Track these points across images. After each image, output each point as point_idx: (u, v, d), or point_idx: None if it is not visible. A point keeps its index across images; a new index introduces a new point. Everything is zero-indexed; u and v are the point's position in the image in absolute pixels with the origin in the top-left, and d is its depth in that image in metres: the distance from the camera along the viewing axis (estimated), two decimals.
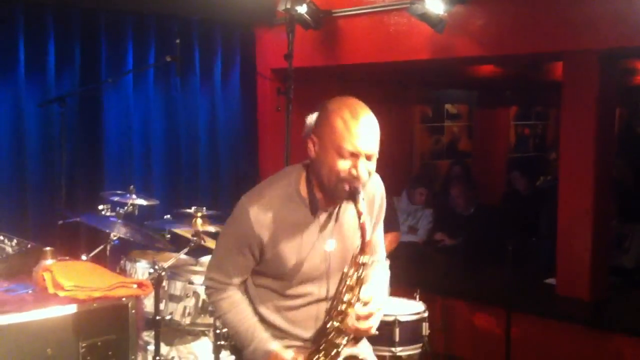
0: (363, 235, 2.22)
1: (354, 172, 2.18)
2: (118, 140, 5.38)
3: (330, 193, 2.27)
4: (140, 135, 5.52)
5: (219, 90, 6.01)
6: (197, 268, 4.46)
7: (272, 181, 2.38)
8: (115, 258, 4.34)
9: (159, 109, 5.65)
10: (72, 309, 2.75)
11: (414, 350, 4.13)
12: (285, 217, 2.29)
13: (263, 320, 2.42)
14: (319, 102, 4.10)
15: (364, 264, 2.26)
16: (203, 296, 3.99)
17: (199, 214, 4.06)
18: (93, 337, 2.79)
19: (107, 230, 4.05)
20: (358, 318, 2.28)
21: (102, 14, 5.22)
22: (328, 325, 2.34)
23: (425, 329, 4.16)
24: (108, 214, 4.10)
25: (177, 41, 4.87)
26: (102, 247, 4.23)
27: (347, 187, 2.20)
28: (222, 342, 3.86)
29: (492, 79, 7.88)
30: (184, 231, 4.27)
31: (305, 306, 2.39)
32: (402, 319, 4.06)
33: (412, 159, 8.15)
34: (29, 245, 3.33)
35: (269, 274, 2.38)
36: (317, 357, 2.33)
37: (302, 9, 5.24)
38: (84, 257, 3.86)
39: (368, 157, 2.21)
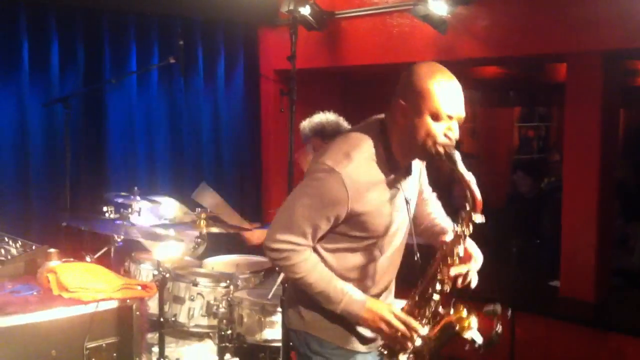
0: (474, 196, 2.25)
1: (450, 134, 2.26)
2: (121, 140, 5.38)
3: (422, 156, 2.37)
4: (144, 136, 5.52)
5: (222, 91, 6.01)
6: (201, 270, 4.47)
7: (353, 142, 2.36)
8: (119, 260, 4.35)
9: (163, 109, 5.66)
10: (76, 310, 2.75)
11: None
12: (373, 178, 2.33)
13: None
14: (322, 103, 4.12)
15: (475, 223, 2.31)
16: (207, 298, 4.00)
17: (203, 216, 4.06)
18: (97, 338, 2.80)
19: (112, 233, 4.05)
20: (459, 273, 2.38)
21: (106, 15, 5.23)
22: (432, 274, 2.38)
23: None
24: (112, 215, 4.10)
25: (181, 42, 4.88)
26: (106, 248, 4.23)
27: (442, 150, 2.25)
28: (227, 344, 3.85)
29: (495, 80, 7.87)
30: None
31: (388, 256, 2.46)
32: None
33: None
34: (34, 247, 3.34)
35: (355, 235, 2.38)
36: (418, 308, 2.39)
37: (305, 10, 5.24)
38: (88, 259, 3.85)
39: (459, 120, 2.30)
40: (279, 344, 3.61)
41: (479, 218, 2.28)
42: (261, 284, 4.37)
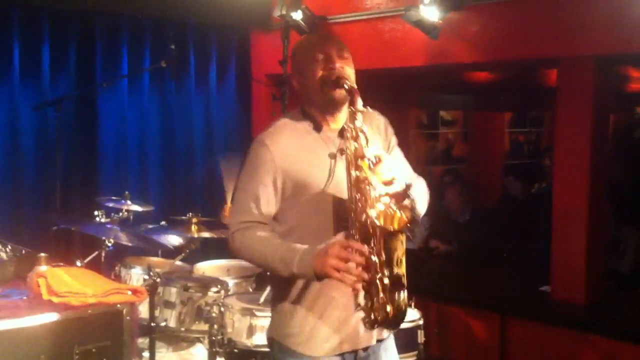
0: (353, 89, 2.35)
1: (331, 65, 2.39)
2: (113, 144, 5.37)
3: (325, 101, 2.41)
4: (135, 140, 5.51)
5: (214, 95, 6.01)
6: (192, 274, 4.46)
7: (276, 121, 2.52)
8: (110, 264, 4.34)
9: (154, 113, 5.65)
10: (66, 315, 2.73)
11: (409, 357, 4.11)
12: (296, 137, 2.42)
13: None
14: None
15: (355, 113, 2.32)
16: (198, 303, 3.99)
17: (194, 220, 4.05)
18: (87, 343, 2.78)
19: (102, 237, 4.04)
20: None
21: (98, 18, 5.22)
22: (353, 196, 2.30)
23: (421, 336, 4.15)
24: (103, 220, 4.09)
25: (173, 46, 4.87)
26: (96, 253, 4.22)
27: (333, 78, 2.36)
28: (217, 349, 3.84)
29: (486, 85, 7.89)
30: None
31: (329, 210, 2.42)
32: None
33: None
34: (24, 251, 3.32)
35: (297, 197, 2.38)
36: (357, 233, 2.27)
37: (297, 15, 5.25)
38: (78, 263, 3.84)
39: (340, 56, 2.42)
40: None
41: (354, 108, 2.33)
42: (252, 289, 4.37)
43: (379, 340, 2.52)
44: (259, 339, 3.68)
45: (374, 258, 2.19)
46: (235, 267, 4.69)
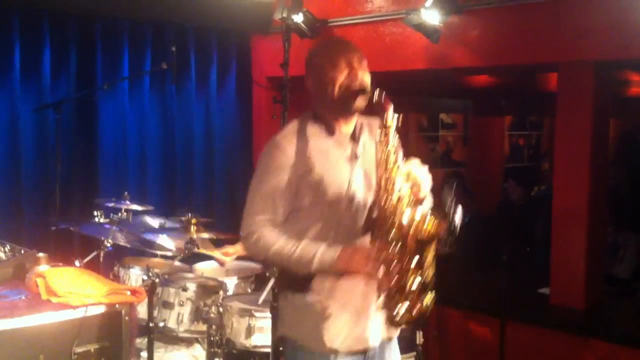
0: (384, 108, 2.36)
1: (354, 73, 2.44)
2: (113, 146, 5.37)
3: (344, 107, 2.44)
4: (135, 142, 5.52)
5: (214, 98, 6.02)
6: (191, 275, 4.46)
7: (287, 125, 2.54)
8: (108, 264, 4.35)
9: (155, 115, 5.66)
10: (65, 315, 2.74)
11: (408, 359, 4.12)
12: (309, 139, 2.43)
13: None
14: None
15: (388, 126, 2.35)
16: (197, 303, 3.99)
17: (194, 221, 4.06)
18: (86, 343, 2.78)
19: (102, 237, 4.05)
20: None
21: (98, 21, 5.23)
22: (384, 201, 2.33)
23: (419, 337, 4.16)
24: (102, 220, 4.10)
25: (173, 48, 4.88)
26: (95, 253, 4.23)
27: (356, 86, 2.42)
28: (216, 350, 3.85)
29: (487, 89, 7.90)
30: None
31: (354, 214, 2.44)
32: None
33: None
34: (23, 251, 3.32)
35: (313, 201, 2.40)
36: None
37: (298, 18, 5.25)
38: (77, 263, 3.84)
39: (361, 66, 2.49)
40: (269, 350, 3.61)
41: (390, 121, 2.36)
42: (251, 289, 4.37)
43: (389, 339, 2.53)
44: (258, 340, 3.69)
45: (401, 262, 2.26)
46: (234, 267, 4.70)
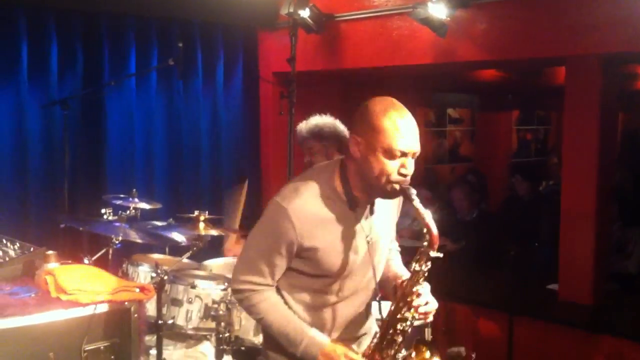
0: (430, 232, 2.25)
1: (404, 171, 2.24)
2: (120, 143, 5.38)
3: (377, 192, 2.31)
4: (143, 138, 5.52)
5: (221, 94, 6.01)
6: (200, 272, 4.46)
7: (305, 179, 2.39)
8: (117, 262, 4.35)
9: (162, 112, 5.66)
10: (74, 312, 2.74)
11: None
12: (324, 214, 2.31)
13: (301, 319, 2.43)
14: (321, 106, 4.13)
15: (432, 259, 2.30)
16: (205, 300, 3.99)
17: (202, 218, 4.06)
18: (96, 341, 2.79)
19: (111, 235, 4.05)
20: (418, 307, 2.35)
21: (105, 17, 5.22)
22: (395, 313, 2.36)
23: (428, 334, 4.15)
24: (110, 217, 4.10)
25: (180, 44, 4.87)
26: (104, 250, 4.23)
27: (397, 187, 2.25)
28: (225, 347, 3.85)
29: (494, 83, 7.88)
30: None
31: (344, 300, 2.43)
32: None
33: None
34: (32, 249, 3.33)
35: (309, 273, 2.38)
36: (382, 346, 2.36)
37: (304, 13, 5.24)
38: (86, 261, 3.85)
39: (413, 155, 2.27)
40: None
41: (434, 254, 2.28)
42: None
43: None
44: None
45: None
46: None
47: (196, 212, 4.10)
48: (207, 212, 4.10)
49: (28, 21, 4.83)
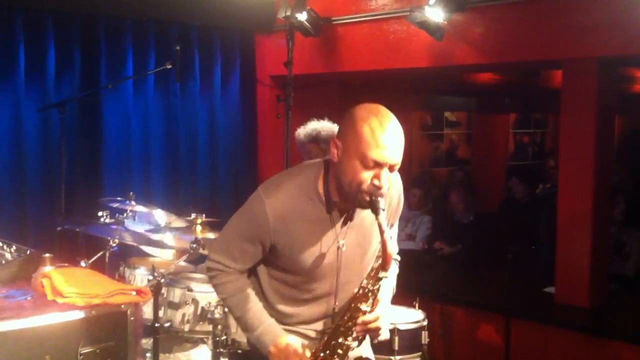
0: (384, 251, 2.18)
1: (376, 182, 2.14)
2: (117, 146, 5.38)
3: (349, 199, 2.25)
4: (140, 141, 5.52)
5: (218, 97, 6.02)
6: (196, 275, 4.46)
7: (290, 174, 2.39)
8: (114, 265, 4.35)
9: (159, 115, 5.66)
10: (70, 315, 2.73)
11: (413, 358, 4.12)
12: (301, 212, 2.29)
13: (273, 308, 2.45)
14: (318, 109, 4.13)
15: (381, 279, 2.27)
16: (202, 303, 3.99)
17: (199, 221, 4.05)
18: (92, 344, 2.78)
19: (107, 237, 4.05)
20: (365, 323, 2.31)
21: (102, 20, 5.23)
22: (339, 325, 2.36)
23: (425, 337, 4.15)
24: (107, 220, 4.10)
25: (177, 47, 4.88)
26: (101, 253, 4.23)
27: (367, 198, 2.17)
28: (221, 350, 3.84)
29: (491, 86, 7.89)
30: None
31: (314, 300, 2.43)
32: (402, 327, 4.05)
33: (410, 166, 8.15)
34: (28, 252, 3.32)
35: (283, 267, 2.39)
36: (324, 354, 2.36)
37: (301, 16, 5.25)
38: (83, 264, 3.85)
39: (391, 168, 2.17)
40: None
41: (383, 274, 2.24)
42: None
43: None
44: None
45: None
46: None
47: (193, 215, 4.10)
48: (204, 215, 4.10)
49: (25, 24, 4.83)
